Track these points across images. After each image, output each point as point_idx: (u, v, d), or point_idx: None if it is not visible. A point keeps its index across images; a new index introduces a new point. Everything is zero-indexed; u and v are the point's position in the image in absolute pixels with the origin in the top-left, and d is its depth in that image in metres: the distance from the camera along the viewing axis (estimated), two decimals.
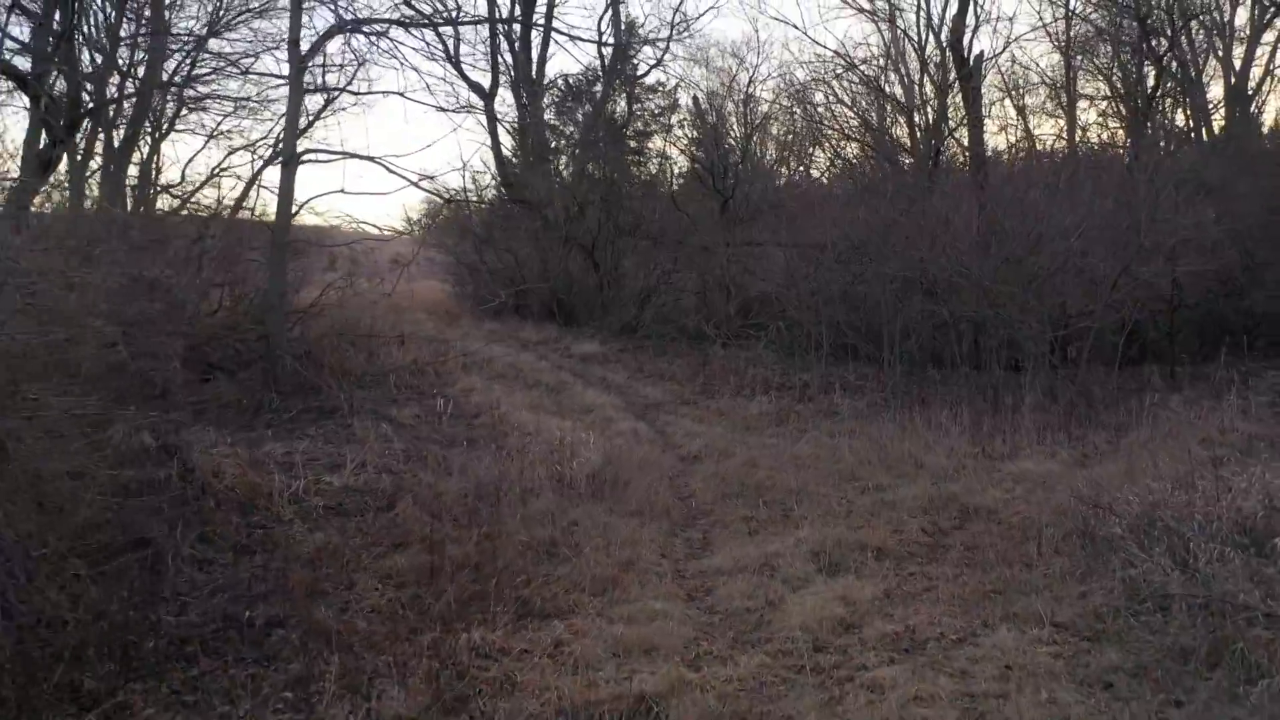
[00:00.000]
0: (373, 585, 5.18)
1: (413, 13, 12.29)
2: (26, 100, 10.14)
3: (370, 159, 10.24)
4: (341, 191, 11.34)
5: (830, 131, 18.67)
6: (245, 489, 6.58)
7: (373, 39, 10.08)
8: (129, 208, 12.12)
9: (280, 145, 10.56)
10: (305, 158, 10.17)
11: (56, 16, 10.24)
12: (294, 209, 10.38)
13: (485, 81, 19.17)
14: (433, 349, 13.28)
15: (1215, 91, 18.94)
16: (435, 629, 4.33)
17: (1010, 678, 3.63)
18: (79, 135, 11.14)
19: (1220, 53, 18.59)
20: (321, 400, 9.76)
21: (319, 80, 11.00)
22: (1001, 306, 10.81)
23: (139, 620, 4.28)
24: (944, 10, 16.47)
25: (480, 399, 10.51)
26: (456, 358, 12.48)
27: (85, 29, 11.77)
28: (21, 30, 13.83)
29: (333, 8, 11.34)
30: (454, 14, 17.34)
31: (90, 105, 10.80)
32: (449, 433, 8.89)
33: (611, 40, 18.74)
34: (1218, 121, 18.60)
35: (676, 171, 21.21)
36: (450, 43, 17.50)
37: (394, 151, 15.91)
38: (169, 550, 5.16)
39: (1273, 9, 17.82)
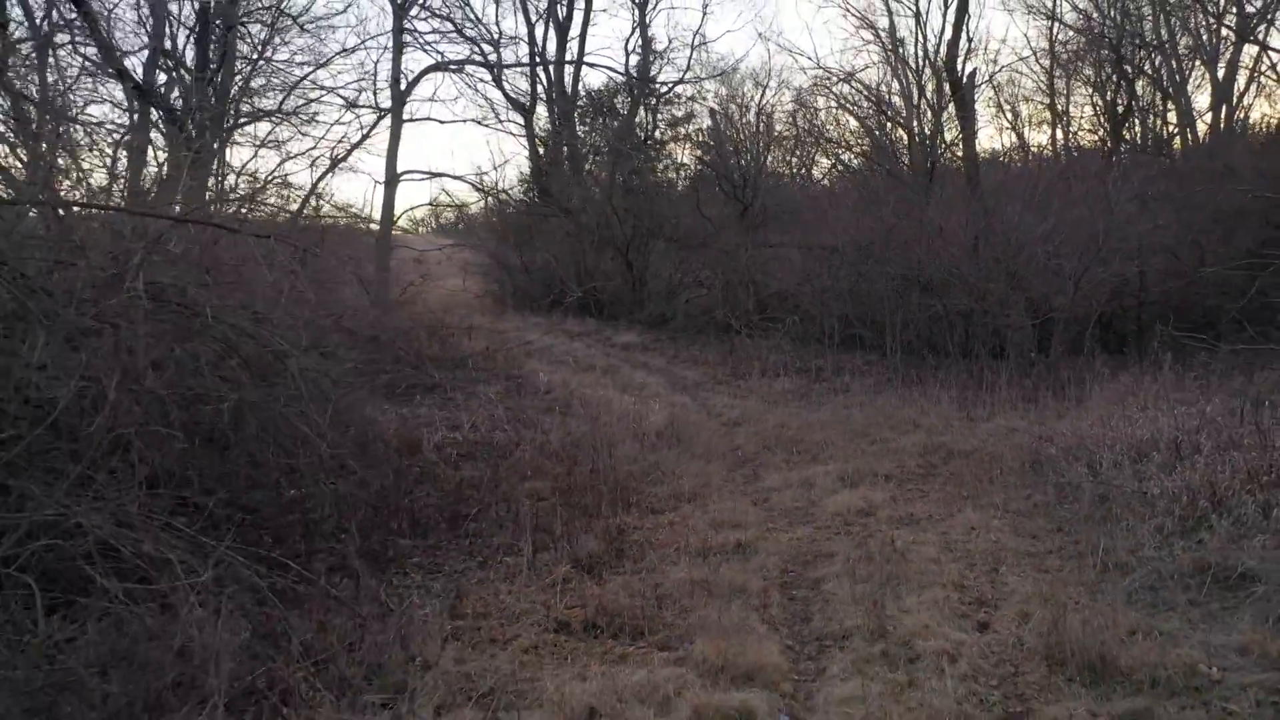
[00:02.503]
0: (521, 499, 7.18)
1: (478, 54, 14.30)
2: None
3: (457, 177, 12.43)
4: (431, 205, 13.30)
5: (834, 138, 20.78)
6: (399, 440, 8.62)
7: (461, 78, 12.04)
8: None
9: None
10: (403, 178, 12.25)
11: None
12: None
13: (521, 96, 21.32)
14: (494, 339, 15.33)
15: (1205, 99, 20.85)
16: (587, 517, 6.36)
17: (972, 532, 5.68)
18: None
19: (1206, 59, 20.45)
20: (420, 378, 11.80)
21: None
22: (987, 301, 12.84)
23: (385, 510, 6.31)
24: (940, 36, 18.54)
25: (549, 379, 12.53)
26: (520, 346, 14.51)
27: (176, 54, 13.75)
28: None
29: (437, 56, 13.31)
30: (498, 38, 19.56)
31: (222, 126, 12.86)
32: (535, 403, 10.93)
33: (637, 69, 20.79)
34: (1213, 125, 20.41)
35: (688, 175, 23.29)
36: (496, 66, 19.57)
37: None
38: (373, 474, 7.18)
39: (1255, 18, 19.63)
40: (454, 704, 3.52)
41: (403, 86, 11.87)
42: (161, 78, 13.03)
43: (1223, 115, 20.20)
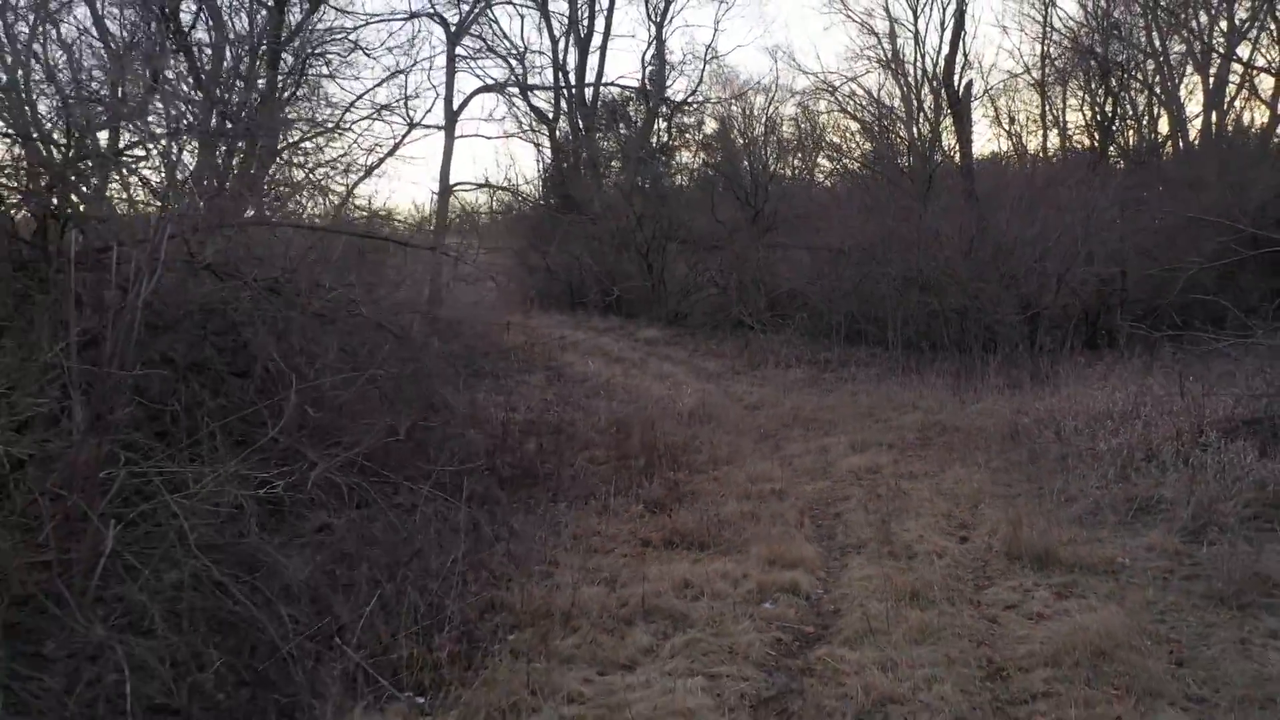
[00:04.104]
0: (584, 464, 8.62)
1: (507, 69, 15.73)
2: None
3: (501, 188, 13.74)
4: (478, 213, 14.71)
5: (837, 145, 22.28)
6: (473, 417, 10.05)
7: (502, 97, 13.48)
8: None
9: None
10: (456, 188, 13.69)
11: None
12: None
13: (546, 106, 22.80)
14: (528, 333, 16.79)
15: (1197, 104, 22.23)
16: (645, 475, 7.79)
17: (959, 482, 7.14)
18: None
19: (1197, 66, 21.78)
20: (474, 367, 13.23)
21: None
22: (981, 300, 14.27)
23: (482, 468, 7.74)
24: (938, 53, 19.99)
25: (586, 369, 13.98)
26: (557, 340, 15.96)
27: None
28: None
29: (490, 79, 14.80)
30: (523, 53, 21.05)
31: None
32: (578, 390, 12.36)
33: (652, 80, 22.26)
34: (1211, 127, 21.73)
35: (697, 179, 24.69)
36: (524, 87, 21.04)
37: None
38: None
39: (1244, 28, 20.97)
40: (587, 582, 4.96)
41: (455, 106, 13.33)
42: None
43: (1213, 120, 21.59)
